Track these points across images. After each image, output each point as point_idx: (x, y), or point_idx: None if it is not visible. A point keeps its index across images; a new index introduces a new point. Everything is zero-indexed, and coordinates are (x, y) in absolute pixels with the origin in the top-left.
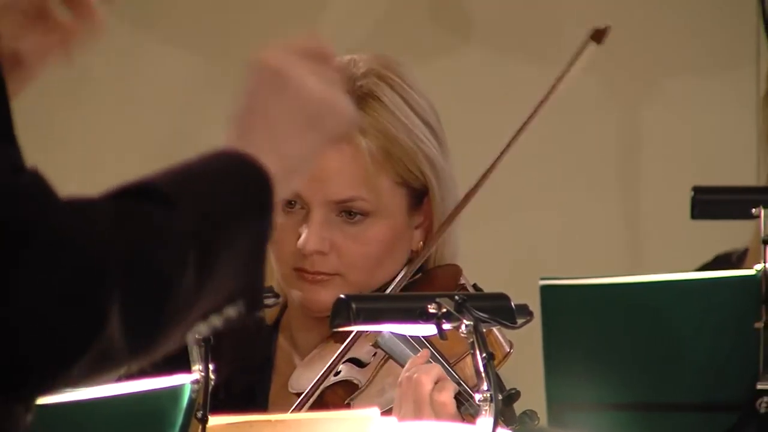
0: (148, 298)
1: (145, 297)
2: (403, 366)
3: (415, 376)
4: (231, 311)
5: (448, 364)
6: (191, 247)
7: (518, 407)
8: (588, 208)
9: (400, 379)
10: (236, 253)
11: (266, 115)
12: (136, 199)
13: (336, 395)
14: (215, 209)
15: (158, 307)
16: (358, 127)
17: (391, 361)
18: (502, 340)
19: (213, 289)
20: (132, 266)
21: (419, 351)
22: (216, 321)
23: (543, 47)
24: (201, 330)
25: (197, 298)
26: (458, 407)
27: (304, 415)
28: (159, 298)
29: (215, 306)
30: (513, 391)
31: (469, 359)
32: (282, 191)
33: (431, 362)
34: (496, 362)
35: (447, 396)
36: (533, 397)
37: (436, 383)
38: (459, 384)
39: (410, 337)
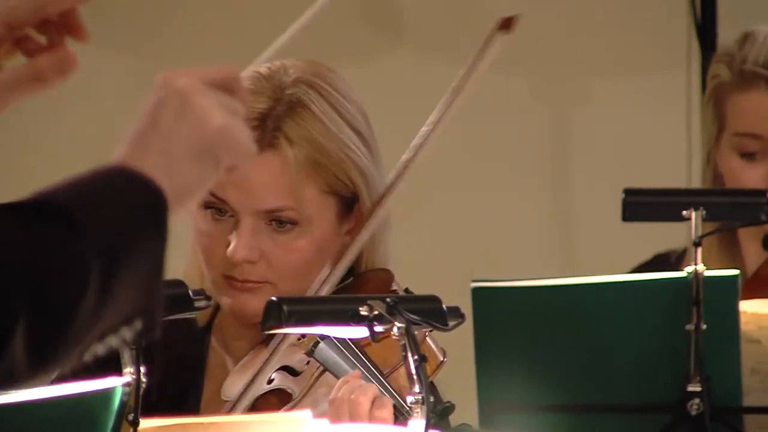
0: (52, 319)
1: (49, 318)
2: (337, 377)
3: (353, 396)
4: (128, 332)
5: (382, 375)
6: (94, 268)
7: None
8: (519, 210)
9: (332, 397)
10: (135, 273)
11: (164, 137)
12: (40, 219)
13: (269, 404)
14: (117, 230)
15: (61, 327)
16: (285, 136)
17: (323, 371)
18: (435, 349)
19: (113, 309)
20: (38, 288)
21: (353, 361)
22: (113, 341)
23: (475, 48)
24: (97, 350)
25: (98, 319)
26: (395, 419)
27: (237, 418)
28: (62, 319)
29: (113, 326)
30: (448, 404)
31: (402, 370)
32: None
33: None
34: (429, 371)
35: (387, 413)
36: (465, 399)
37: (373, 402)
38: (393, 396)
39: (344, 348)
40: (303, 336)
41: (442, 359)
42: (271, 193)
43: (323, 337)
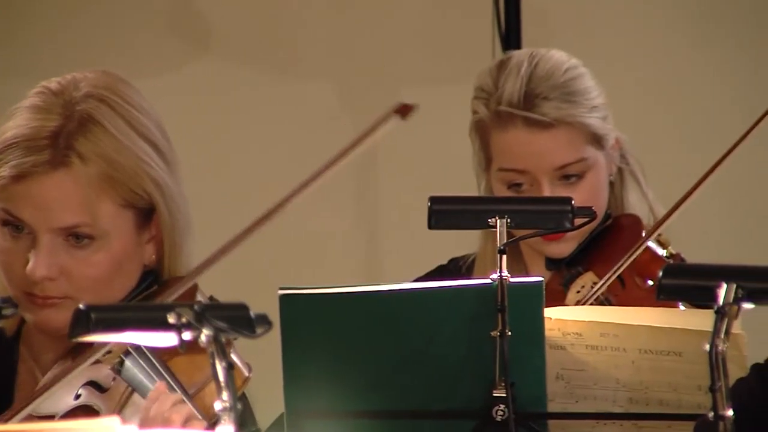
0: None
1: None
2: (143, 396)
3: (166, 415)
4: None
5: (187, 395)
6: None
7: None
8: (325, 218)
9: (141, 417)
10: None
11: None
12: None
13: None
14: None
15: None
16: (78, 153)
17: (132, 391)
18: (241, 365)
19: None
20: None
21: (158, 381)
22: None
23: (281, 58)
24: None
25: None
26: None
27: (43, 426)
28: None
29: None
30: (254, 430)
31: (208, 389)
32: None
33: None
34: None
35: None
36: (273, 406)
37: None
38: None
39: (149, 367)
40: (109, 351)
41: (247, 375)
42: (66, 211)
43: (128, 354)
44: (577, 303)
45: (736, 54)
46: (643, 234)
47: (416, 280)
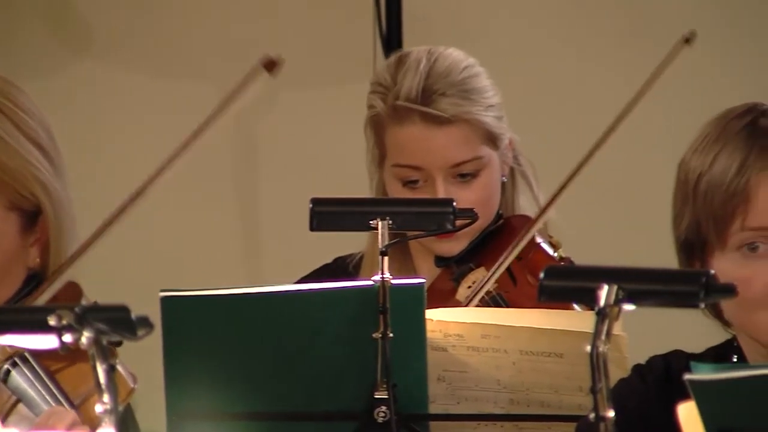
0: None
1: None
2: (28, 406)
3: (50, 422)
4: None
5: (72, 405)
6: None
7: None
8: (206, 220)
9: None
10: None
11: None
12: None
13: None
14: None
15: None
16: None
17: (17, 400)
18: (126, 376)
19: None
20: None
21: (42, 393)
22: None
23: (162, 59)
24: None
25: None
26: None
27: None
28: None
29: None
30: None
31: (92, 399)
32: None
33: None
34: (121, 399)
35: None
36: (155, 408)
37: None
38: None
39: (35, 378)
40: None
41: (132, 386)
42: None
43: (15, 364)
44: (467, 298)
45: (624, 53)
46: (535, 235)
47: (301, 280)
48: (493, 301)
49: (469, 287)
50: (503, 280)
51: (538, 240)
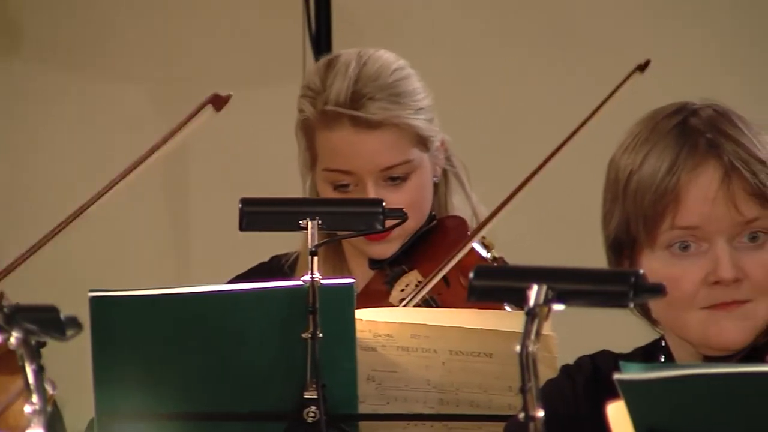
0: None
1: None
2: None
3: None
4: None
5: None
6: None
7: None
8: (136, 221)
9: None
10: None
11: None
12: None
13: None
14: None
15: None
16: None
17: None
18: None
19: None
20: None
21: None
22: None
23: (93, 61)
24: None
25: None
26: None
27: None
28: None
29: None
30: None
31: (15, 408)
32: None
33: None
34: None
35: None
36: (84, 408)
37: None
38: None
39: None
40: None
41: (52, 392)
42: None
43: None
44: (401, 301)
45: (559, 53)
46: (469, 235)
47: (237, 277)
48: (425, 303)
49: (402, 290)
50: (437, 283)
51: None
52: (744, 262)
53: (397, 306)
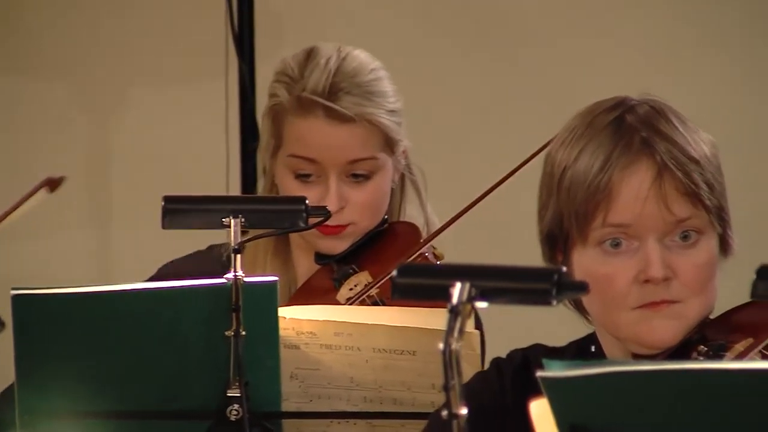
0: None
1: None
2: None
3: None
4: None
5: None
6: None
7: None
8: (58, 219)
9: None
10: None
11: None
12: None
13: None
14: None
15: None
16: None
17: None
18: None
19: None
20: None
21: None
22: None
23: (11, 56)
24: None
25: None
26: None
27: None
28: None
29: None
30: None
31: None
32: None
33: None
34: None
35: None
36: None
37: None
38: None
39: None
40: None
41: None
42: None
43: None
44: (348, 300)
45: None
46: (421, 242)
47: (170, 263)
48: (374, 304)
49: (351, 290)
50: (385, 286)
51: (423, 250)
52: (675, 262)
53: (344, 304)
